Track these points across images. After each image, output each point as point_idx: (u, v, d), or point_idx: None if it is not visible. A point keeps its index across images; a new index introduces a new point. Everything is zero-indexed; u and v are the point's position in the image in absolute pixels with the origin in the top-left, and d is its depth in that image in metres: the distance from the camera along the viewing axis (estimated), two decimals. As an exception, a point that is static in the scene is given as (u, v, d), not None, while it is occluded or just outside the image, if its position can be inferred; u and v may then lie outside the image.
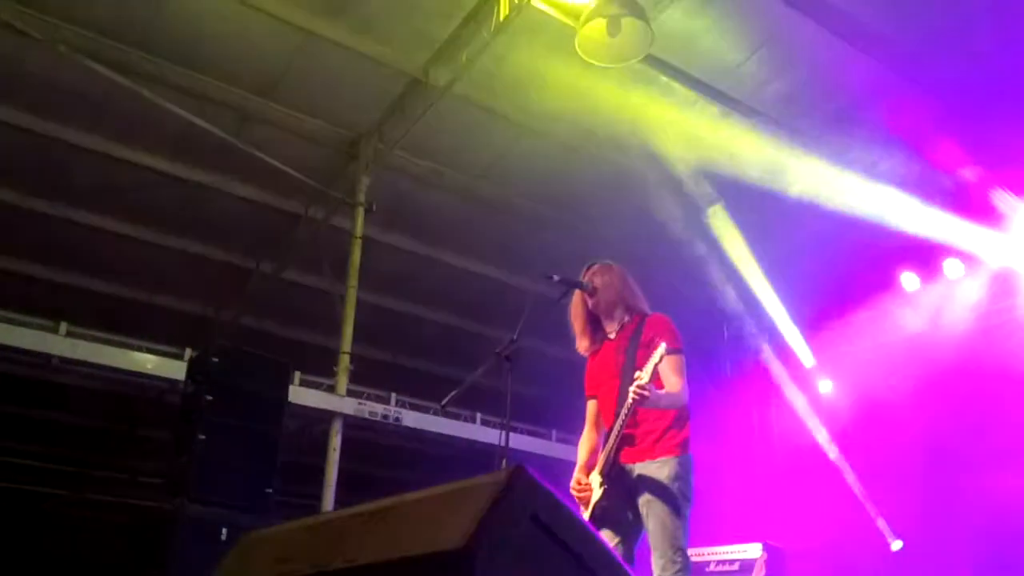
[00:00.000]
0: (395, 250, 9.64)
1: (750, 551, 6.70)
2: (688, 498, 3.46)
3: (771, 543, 6.77)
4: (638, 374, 3.31)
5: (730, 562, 6.76)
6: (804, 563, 7.30)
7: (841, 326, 8.56)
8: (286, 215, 9.26)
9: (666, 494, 3.41)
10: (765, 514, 8.35)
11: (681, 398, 3.54)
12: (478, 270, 10.17)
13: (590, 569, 1.79)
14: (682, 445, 3.53)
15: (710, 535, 6.74)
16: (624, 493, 3.49)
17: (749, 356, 9.57)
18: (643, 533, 3.47)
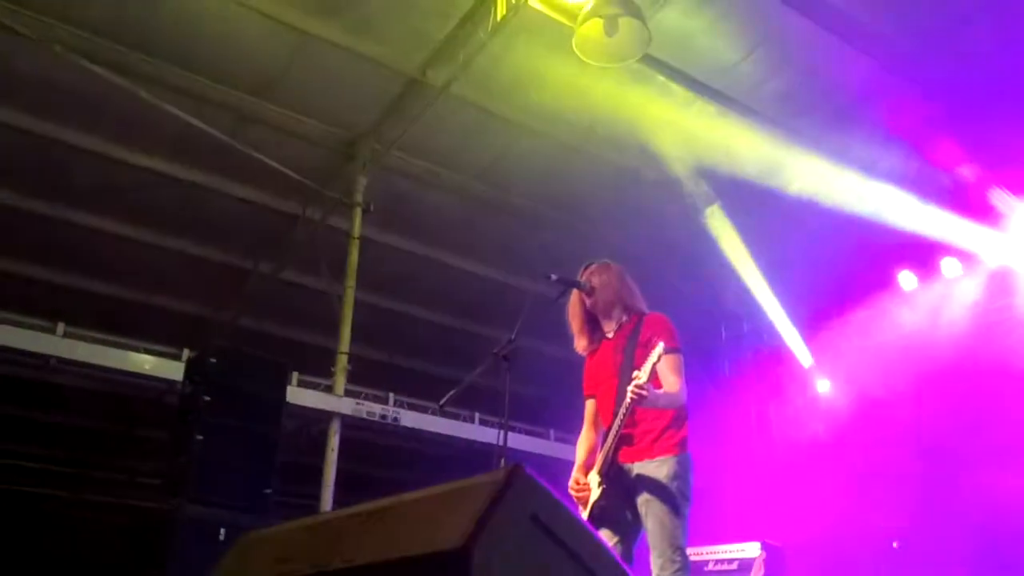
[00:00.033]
0: (393, 250, 9.63)
1: (749, 550, 6.68)
2: (687, 497, 3.45)
3: (770, 542, 6.76)
4: (636, 373, 3.30)
5: (729, 561, 6.74)
6: (803, 562, 7.29)
7: (839, 325, 8.56)
8: (284, 215, 9.25)
9: (665, 493, 3.40)
10: (764, 513, 8.33)
11: (679, 397, 3.54)
12: (476, 270, 10.16)
13: (589, 569, 1.79)
14: (680, 444, 3.53)
15: (709, 534, 6.72)
16: (623, 492, 3.49)
17: (747, 355, 9.58)
18: (642, 532, 3.46)
